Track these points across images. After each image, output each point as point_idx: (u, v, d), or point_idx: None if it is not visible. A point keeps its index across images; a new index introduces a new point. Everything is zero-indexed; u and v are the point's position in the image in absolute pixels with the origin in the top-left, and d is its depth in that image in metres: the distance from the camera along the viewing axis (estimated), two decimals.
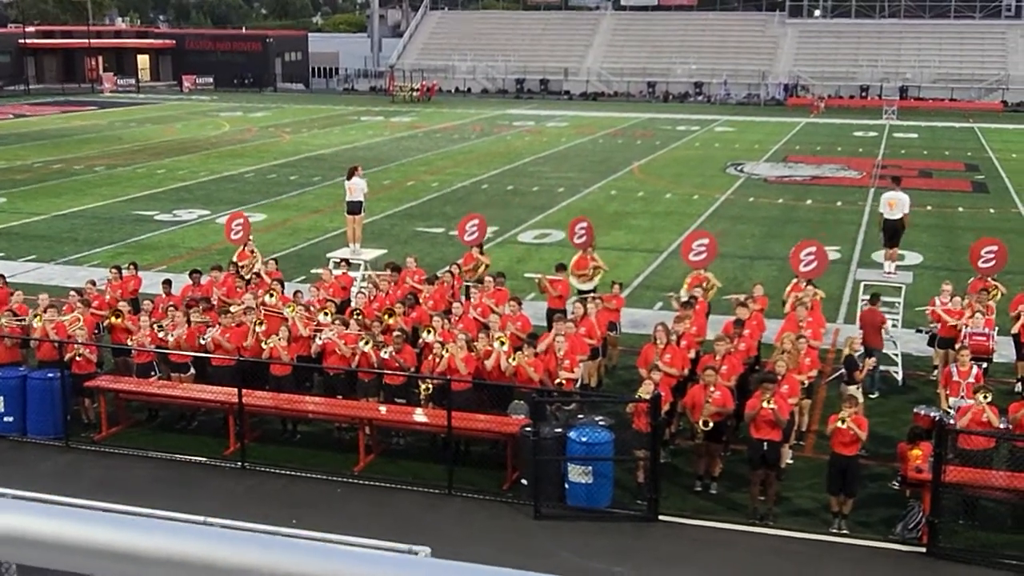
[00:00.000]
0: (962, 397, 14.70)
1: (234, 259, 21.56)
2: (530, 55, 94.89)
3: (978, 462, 13.29)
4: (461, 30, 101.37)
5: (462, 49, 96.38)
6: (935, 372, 18.67)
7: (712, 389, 14.48)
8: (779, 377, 14.46)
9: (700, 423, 14.38)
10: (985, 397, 13.81)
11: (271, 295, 18.88)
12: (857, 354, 16.01)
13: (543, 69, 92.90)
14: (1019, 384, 17.98)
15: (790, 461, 15.34)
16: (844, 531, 13.38)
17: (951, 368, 15.60)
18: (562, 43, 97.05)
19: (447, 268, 21.07)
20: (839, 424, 13.35)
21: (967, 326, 17.62)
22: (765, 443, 13.74)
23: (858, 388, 15.79)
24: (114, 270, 20.40)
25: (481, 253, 21.93)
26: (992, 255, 19.81)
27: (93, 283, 19.71)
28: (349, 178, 23.57)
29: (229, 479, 15.18)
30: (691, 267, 20.17)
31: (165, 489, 14.62)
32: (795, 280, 19.16)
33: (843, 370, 16.14)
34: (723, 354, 15.59)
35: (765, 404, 13.60)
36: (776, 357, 15.26)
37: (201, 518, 5.04)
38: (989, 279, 19.59)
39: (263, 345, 16.81)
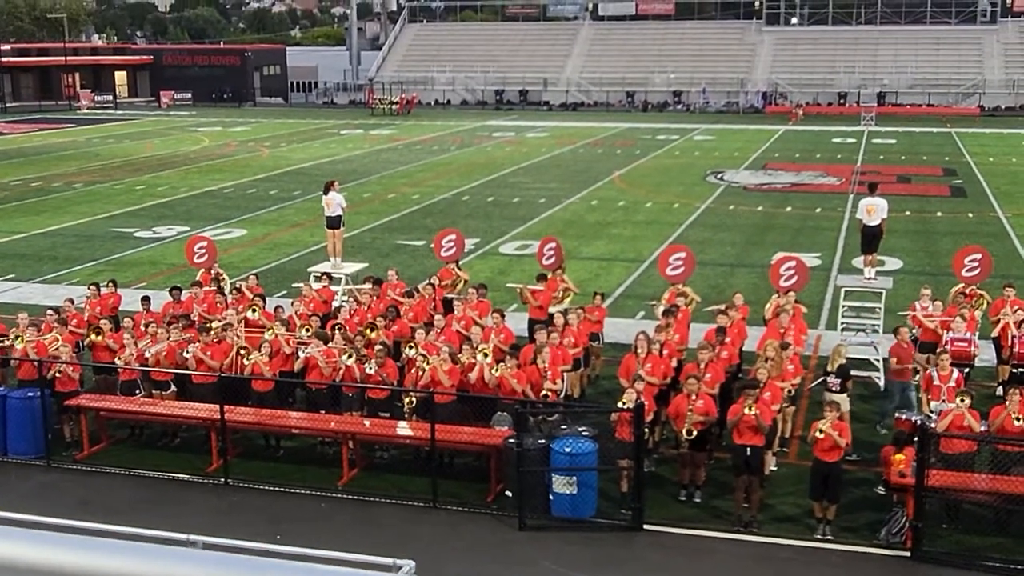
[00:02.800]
0: (943, 401, 14.77)
1: (198, 278, 21.29)
2: (509, 66, 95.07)
3: (960, 466, 13.35)
4: (440, 42, 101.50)
5: (441, 61, 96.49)
6: (916, 377, 18.76)
7: (695, 398, 14.50)
8: (761, 384, 14.50)
9: (684, 432, 14.38)
10: (963, 401, 13.91)
11: (254, 311, 18.85)
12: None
13: (522, 80, 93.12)
14: (999, 388, 18.05)
15: (774, 468, 15.38)
16: (829, 536, 13.41)
17: (931, 372, 15.65)
18: (541, 54, 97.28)
19: (427, 281, 21.03)
20: (817, 434, 13.42)
21: (949, 331, 17.69)
22: (748, 448, 13.77)
23: (847, 397, 15.82)
24: (93, 287, 20.31)
25: (459, 269, 21.88)
26: (976, 263, 19.91)
27: (71, 301, 19.61)
28: (326, 193, 23.56)
29: (212, 496, 15.11)
30: (669, 282, 20.13)
31: (148, 507, 14.56)
32: (775, 296, 19.16)
33: (827, 377, 16.14)
34: (706, 362, 15.64)
35: (747, 411, 13.62)
36: (759, 364, 15.31)
37: (184, 536, 5.01)
38: (974, 287, 19.68)
39: (245, 361, 16.77)
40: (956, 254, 20.75)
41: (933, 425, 13.96)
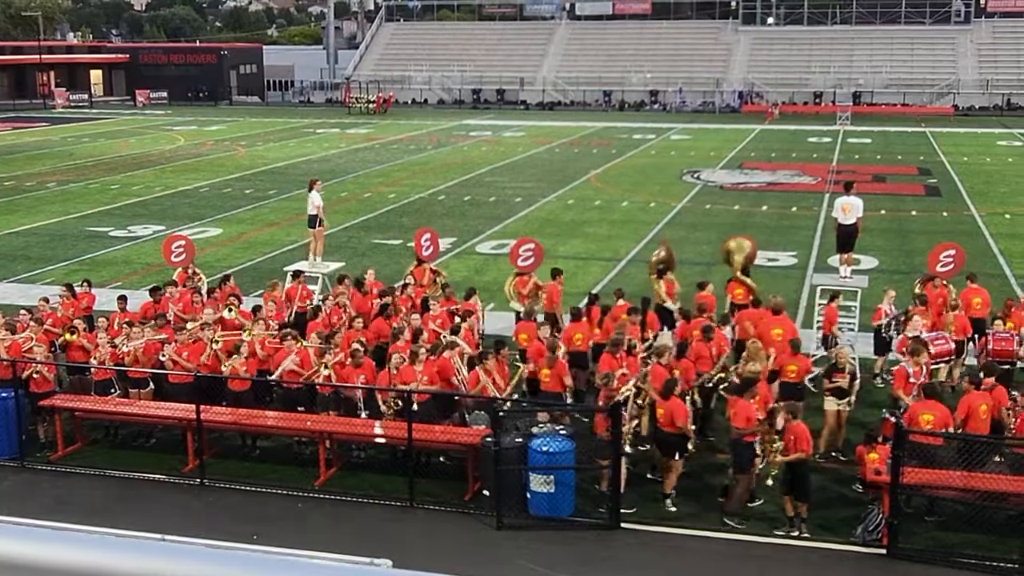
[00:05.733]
0: (914, 396, 14.90)
1: (174, 278, 21.14)
2: (486, 65, 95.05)
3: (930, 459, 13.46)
4: (417, 41, 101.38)
5: (418, 60, 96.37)
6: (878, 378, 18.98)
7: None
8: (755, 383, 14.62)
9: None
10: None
11: (230, 310, 18.76)
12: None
13: (499, 79, 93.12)
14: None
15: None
16: (805, 535, 13.44)
17: (907, 369, 15.71)
18: (518, 53, 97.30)
19: (403, 282, 20.98)
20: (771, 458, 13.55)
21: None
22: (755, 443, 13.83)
23: (831, 398, 15.76)
24: (66, 288, 20.16)
25: (434, 270, 21.86)
26: (950, 259, 20.18)
27: (46, 300, 19.47)
28: (310, 191, 23.65)
29: (188, 496, 15.03)
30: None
31: (123, 507, 14.47)
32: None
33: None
34: (667, 363, 15.80)
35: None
36: (747, 364, 15.44)
37: (159, 536, 4.97)
38: (944, 283, 19.88)
39: (223, 367, 16.69)
40: (932, 250, 20.96)
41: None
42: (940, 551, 12.99)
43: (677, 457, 14.37)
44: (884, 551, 12.98)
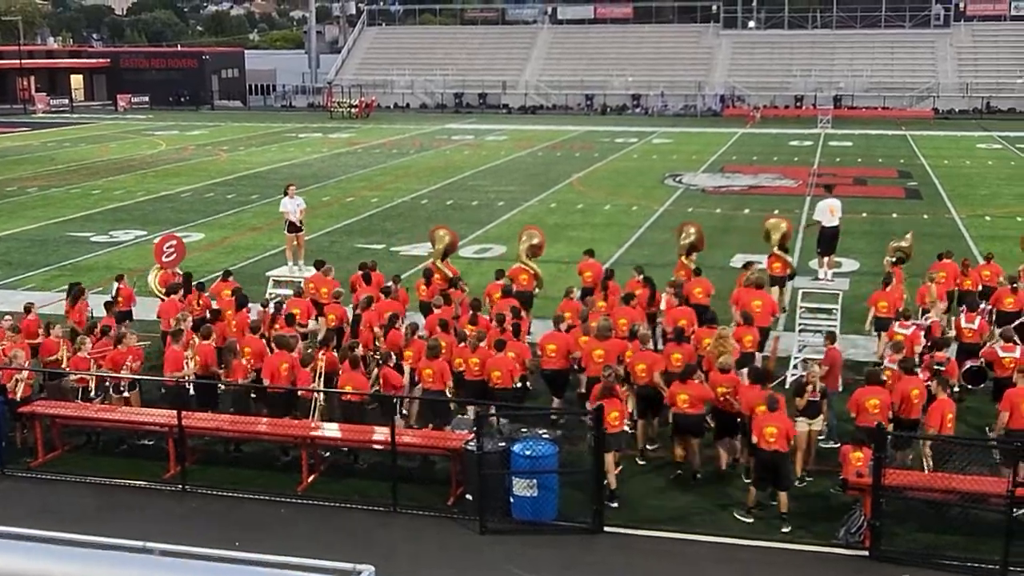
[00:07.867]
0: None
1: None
2: (468, 69, 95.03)
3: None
4: (399, 45, 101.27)
5: (400, 64, 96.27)
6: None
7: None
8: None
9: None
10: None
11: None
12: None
13: (481, 83, 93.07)
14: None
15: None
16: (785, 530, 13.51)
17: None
18: (500, 57, 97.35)
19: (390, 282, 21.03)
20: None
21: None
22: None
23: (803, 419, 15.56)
24: (68, 295, 20.04)
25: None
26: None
27: (32, 305, 19.44)
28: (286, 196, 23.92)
29: (170, 502, 14.96)
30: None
31: (105, 514, 14.39)
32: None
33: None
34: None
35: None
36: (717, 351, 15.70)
37: (140, 543, 4.92)
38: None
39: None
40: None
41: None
42: (922, 553, 13.03)
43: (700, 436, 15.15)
44: (867, 553, 13.03)
